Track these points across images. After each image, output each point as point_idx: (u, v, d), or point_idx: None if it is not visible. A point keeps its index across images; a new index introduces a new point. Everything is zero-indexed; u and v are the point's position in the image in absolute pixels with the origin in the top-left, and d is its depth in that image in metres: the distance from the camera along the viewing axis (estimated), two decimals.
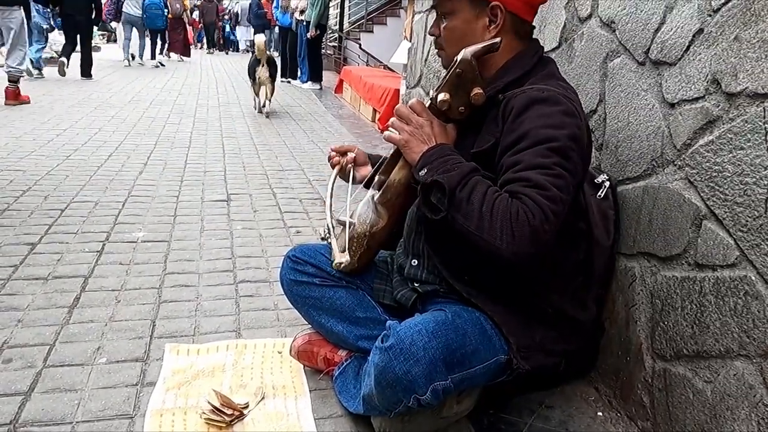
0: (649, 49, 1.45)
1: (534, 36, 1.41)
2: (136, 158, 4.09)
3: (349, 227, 1.47)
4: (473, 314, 1.31)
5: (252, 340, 1.81)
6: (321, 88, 9.21)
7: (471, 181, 1.16)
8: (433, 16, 1.45)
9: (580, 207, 1.40)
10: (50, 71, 8.41)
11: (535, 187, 1.12)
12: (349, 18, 13.75)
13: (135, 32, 11.43)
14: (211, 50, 18.51)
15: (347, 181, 1.60)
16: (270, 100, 6.35)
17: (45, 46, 7.62)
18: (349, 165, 1.61)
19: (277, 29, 11.62)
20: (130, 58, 11.56)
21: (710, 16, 1.26)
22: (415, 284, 1.45)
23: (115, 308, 1.96)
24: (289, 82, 9.83)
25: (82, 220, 2.78)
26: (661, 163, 1.40)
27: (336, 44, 13.22)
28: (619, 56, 1.58)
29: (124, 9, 11.20)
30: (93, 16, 8.52)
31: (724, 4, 1.22)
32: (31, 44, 7.01)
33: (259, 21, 15.17)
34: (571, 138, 1.19)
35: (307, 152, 4.68)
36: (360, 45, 12.12)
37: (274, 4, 10.99)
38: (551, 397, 1.57)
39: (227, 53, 19.28)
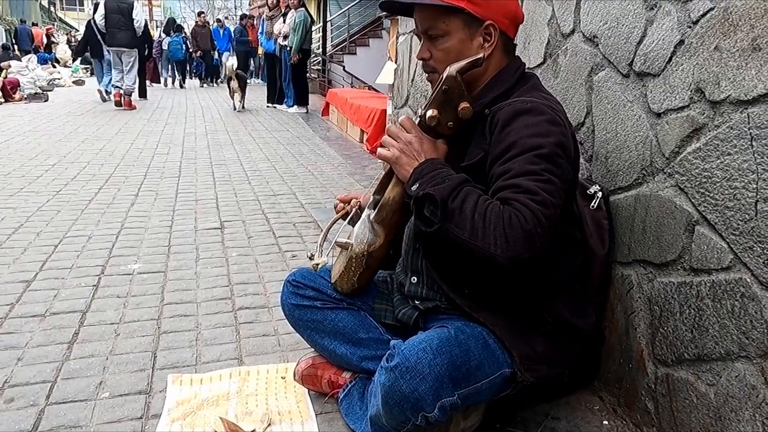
0: (632, 61, 1.49)
1: (518, 53, 1.45)
2: (126, 190, 4.09)
3: (347, 248, 1.48)
4: (475, 330, 1.32)
5: (255, 367, 1.80)
6: (307, 112, 9.26)
7: (462, 192, 1.18)
8: (416, 40, 1.47)
9: (573, 216, 1.42)
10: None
11: (526, 193, 1.14)
12: (331, 41, 13.89)
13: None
14: (208, 83, 15.89)
15: (351, 225, 1.59)
16: (243, 103, 9.35)
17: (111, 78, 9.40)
18: (355, 209, 1.63)
19: (261, 55, 11.67)
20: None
21: (690, 27, 1.30)
22: (416, 302, 1.46)
23: (115, 342, 1.96)
24: (274, 107, 9.87)
25: (77, 254, 2.77)
26: (651, 171, 1.43)
27: (320, 67, 13.33)
28: (604, 69, 1.62)
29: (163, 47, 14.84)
30: (146, 53, 10.88)
31: (702, 16, 1.26)
32: (104, 76, 9.63)
33: (242, 47, 15.31)
34: (557, 145, 1.22)
35: (298, 176, 4.70)
36: (344, 67, 12.24)
37: (259, 30, 11.07)
38: (557, 409, 1.58)
39: (212, 83, 16.07)
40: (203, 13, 17.09)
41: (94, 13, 9.06)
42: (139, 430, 1.51)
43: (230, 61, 9.46)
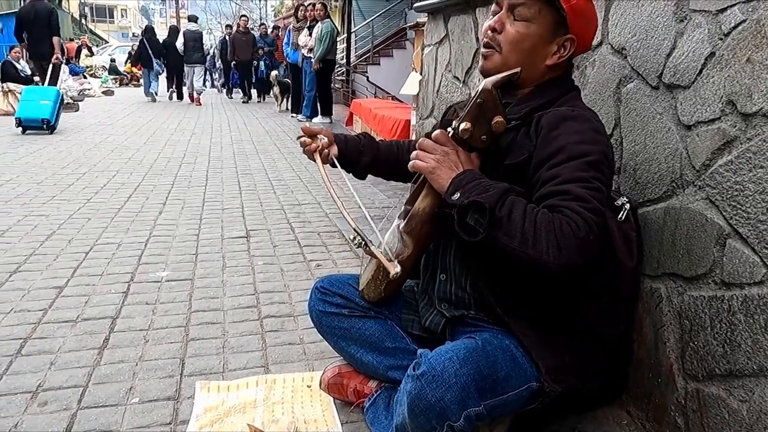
0: (662, 73, 1.49)
1: None
2: (155, 198, 4.16)
3: (377, 254, 1.47)
4: (503, 341, 1.31)
5: (281, 375, 1.82)
6: (331, 122, 9.34)
7: (509, 200, 1.18)
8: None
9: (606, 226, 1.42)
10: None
11: (576, 200, 1.14)
12: (355, 51, 13.99)
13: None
14: (248, 98, 13.93)
15: (331, 165, 1.59)
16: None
17: (158, 83, 12.88)
18: (325, 150, 1.61)
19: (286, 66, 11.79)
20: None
21: (721, 39, 1.29)
22: (443, 306, 1.46)
23: (144, 348, 1.99)
24: (296, 117, 9.97)
25: (107, 261, 2.82)
26: (680, 184, 1.42)
27: (344, 78, 13.43)
28: (633, 81, 1.62)
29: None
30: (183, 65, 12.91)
31: (734, 28, 1.25)
32: (151, 82, 12.76)
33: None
34: (603, 154, 1.24)
35: (322, 186, 4.73)
36: (368, 77, 12.32)
37: (285, 41, 11.21)
38: (584, 422, 1.57)
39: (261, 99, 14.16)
40: (245, 17, 14.62)
41: (144, 33, 13.26)
42: None
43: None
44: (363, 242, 1.40)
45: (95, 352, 1.95)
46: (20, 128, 7.18)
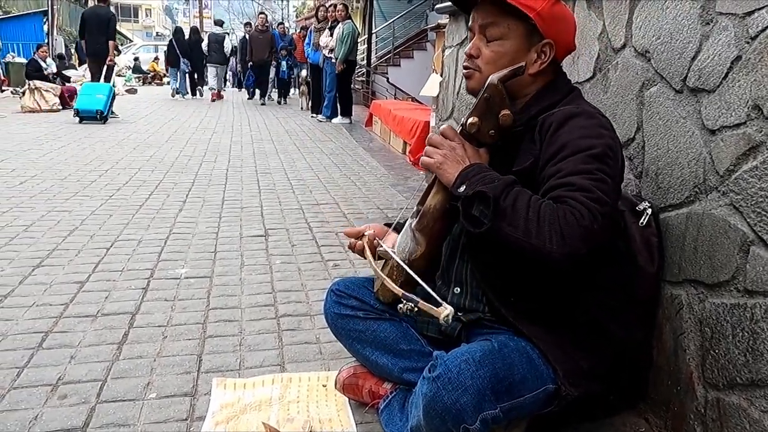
0: (686, 77, 1.47)
1: (566, 68, 1.47)
2: (175, 196, 4.20)
3: (389, 257, 1.47)
4: (519, 343, 1.31)
5: (297, 374, 1.83)
6: (351, 122, 9.36)
7: (514, 191, 1.18)
8: (467, 45, 1.47)
9: (617, 224, 1.41)
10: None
11: (580, 190, 1.14)
12: (376, 53, 14.01)
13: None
14: (267, 100, 13.43)
15: (380, 258, 1.49)
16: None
17: (185, 81, 13.90)
18: (375, 240, 1.53)
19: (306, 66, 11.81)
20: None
21: (748, 43, 1.27)
22: (459, 313, 1.46)
23: (162, 344, 2.01)
24: (316, 117, 10.01)
25: (127, 257, 2.86)
26: (703, 189, 1.40)
27: (364, 79, 13.46)
28: (656, 85, 1.60)
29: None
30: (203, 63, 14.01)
31: (761, 32, 1.23)
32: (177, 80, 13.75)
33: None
34: (608, 147, 1.24)
35: (341, 186, 4.75)
36: (387, 79, 12.33)
37: (306, 41, 11.26)
38: (600, 429, 1.55)
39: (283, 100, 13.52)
40: (264, 14, 13.84)
41: (174, 34, 14.23)
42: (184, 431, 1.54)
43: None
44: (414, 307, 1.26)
45: (114, 347, 1.97)
46: (77, 118, 8.29)
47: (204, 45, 13.50)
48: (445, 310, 1.18)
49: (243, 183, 4.77)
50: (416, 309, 1.23)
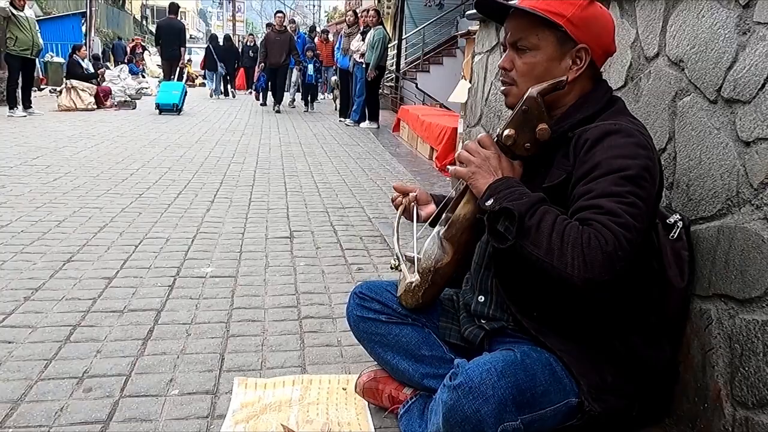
0: (720, 87, 1.44)
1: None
2: (203, 196, 4.26)
3: (417, 262, 1.48)
4: (543, 355, 1.29)
5: (317, 376, 1.83)
6: (378, 127, 9.38)
7: (540, 210, 1.17)
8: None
9: (652, 245, 1.38)
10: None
11: (608, 214, 1.12)
12: (405, 58, 14.03)
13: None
14: (289, 107, 12.45)
15: (411, 220, 1.62)
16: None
17: (220, 83, 15.12)
18: (413, 203, 1.64)
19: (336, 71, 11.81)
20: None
21: None
22: (482, 321, 1.44)
23: (186, 341, 2.03)
24: (344, 122, 10.05)
25: (155, 255, 2.90)
26: (736, 202, 1.37)
27: (393, 84, 13.49)
28: (689, 95, 1.57)
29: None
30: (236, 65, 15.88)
31: None
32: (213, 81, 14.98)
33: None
34: (644, 168, 1.19)
35: (367, 190, 4.76)
36: (416, 84, 12.33)
37: (336, 45, 11.31)
38: None
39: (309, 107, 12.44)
40: (282, 13, 11.97)
41: (210, 41, 15.64)
42: (204, 429, 1.56)
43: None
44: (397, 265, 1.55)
45: (139, 343, 2.00)
46: (157, 110, 9.99)
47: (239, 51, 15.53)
48: (408, 278, 1.50)
49: (270, 184, 4.81)
50: (398, 267, 1.54)
